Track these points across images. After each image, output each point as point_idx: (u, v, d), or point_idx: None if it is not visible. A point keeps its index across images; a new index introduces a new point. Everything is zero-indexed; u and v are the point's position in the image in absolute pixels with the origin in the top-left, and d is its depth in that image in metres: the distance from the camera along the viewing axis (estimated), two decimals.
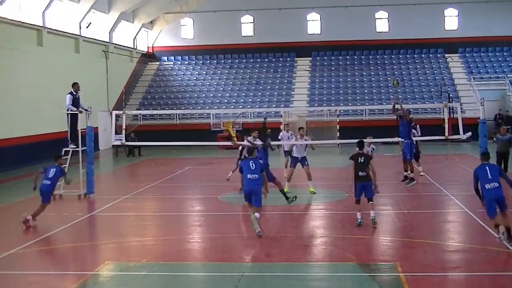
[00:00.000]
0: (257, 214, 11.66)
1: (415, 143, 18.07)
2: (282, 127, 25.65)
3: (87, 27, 32.36)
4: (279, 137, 19.14)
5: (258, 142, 15.97)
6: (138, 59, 41.21)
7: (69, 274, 9.85)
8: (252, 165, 11.95)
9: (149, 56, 42.85)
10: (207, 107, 36.62)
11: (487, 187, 10.66)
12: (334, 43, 41.10)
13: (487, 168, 10.90)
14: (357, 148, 12.65)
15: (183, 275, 9.64)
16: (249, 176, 11.81)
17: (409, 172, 17.62)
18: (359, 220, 12.25)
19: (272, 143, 19.62)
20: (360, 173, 12.24)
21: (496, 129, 31.35)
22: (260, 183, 12.04)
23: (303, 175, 16.61)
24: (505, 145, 18.69)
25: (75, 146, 16.95)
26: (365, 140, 15.93)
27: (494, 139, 19.18)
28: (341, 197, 15.90)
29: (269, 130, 18.52)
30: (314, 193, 16.29)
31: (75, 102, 16.85)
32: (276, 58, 42.23)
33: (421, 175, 19.21)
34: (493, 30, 39.60)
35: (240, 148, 17.15)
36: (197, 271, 9.89)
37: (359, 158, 12.36)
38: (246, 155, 14.92)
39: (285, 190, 16.27)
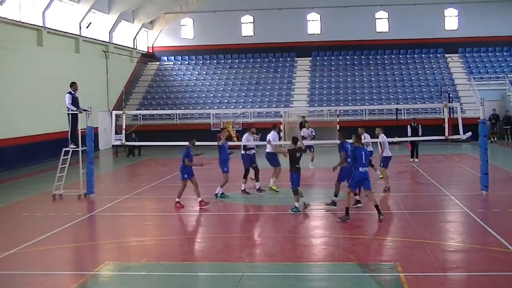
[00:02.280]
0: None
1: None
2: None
3: (87, 27, 32.36)
4: (301, 135, 19.44)
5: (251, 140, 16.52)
6: (138, 59, 41.21)
7: (69, 274, 9.86)
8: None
9: (149, 56, 42.85)
10: (207, 107, 36.60)
11: (360, 170, 12.73)
12: (334, 43, 41.09)
13: (363, 153, 12.82)
14: (292, 143, 14.17)
15: (183, 275, 9.63)
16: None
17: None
18: (300, 208, 13.72)
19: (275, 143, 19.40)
20: (297, 165, 13.83)
21: (492, 129, 31.37)
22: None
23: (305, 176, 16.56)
24: None
25: (75, 146, 16.95)
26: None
27: (492, 139, 19.16)
28: (341, 197, 15.89)
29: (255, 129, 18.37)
30: (277, 191, 16.64)
31: (75, 101, 16.84)
32: (276, 58, 42.22)
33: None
34: (493, 30, 39.58)
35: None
36: (197, 271, 9.88)
37: (296, 153, 13.87)
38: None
39: (272, 186, 16.67)
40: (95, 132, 21.60)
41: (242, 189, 16.77)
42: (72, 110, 16.71)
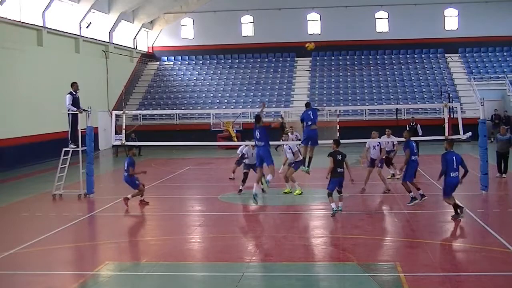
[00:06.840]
0: (269, 177, 13.93)
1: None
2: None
3: (87, 27, 32.36)
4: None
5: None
6: (138, 59, 41.21)
7: (69, 274, 9.85)
8: (258, 134, 14.13)
9: (149, 56, 42.85)
10: (207, 107, 36.61)
11: (451, 175, 12.48)
12: (334, 43, 41.07)
13: (454, 158, 12.52)
14: (334, 146, 13.59)
15: (183, 275, 9.63)
16: (256, 143, 14.24)
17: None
18: (334, 209, 13.18)
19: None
20: (338, 169, 13.22)
21: (494, 129, 31.37)
22: (267, 148, 14.04)
23: (302, 175, 16.57)
24: (505, 145, 18.72)
25: (75, 146, 16.94)
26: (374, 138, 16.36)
27: (492, 139, 19.18)
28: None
29: (287, 129, 18.66)
30: (290, 192, 16.46)
31: (75, 102, 16.83)
32: (276, 58, 42.22)
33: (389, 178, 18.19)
34: (493, 30, 39.57)
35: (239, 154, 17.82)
36: (197, 271, 9.88)
37: (337, 155, 13.28)
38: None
39: (287, 191, 16.44)
40: (95, 132, 21.60)
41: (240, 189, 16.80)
42: (72, 111, 16.71)
